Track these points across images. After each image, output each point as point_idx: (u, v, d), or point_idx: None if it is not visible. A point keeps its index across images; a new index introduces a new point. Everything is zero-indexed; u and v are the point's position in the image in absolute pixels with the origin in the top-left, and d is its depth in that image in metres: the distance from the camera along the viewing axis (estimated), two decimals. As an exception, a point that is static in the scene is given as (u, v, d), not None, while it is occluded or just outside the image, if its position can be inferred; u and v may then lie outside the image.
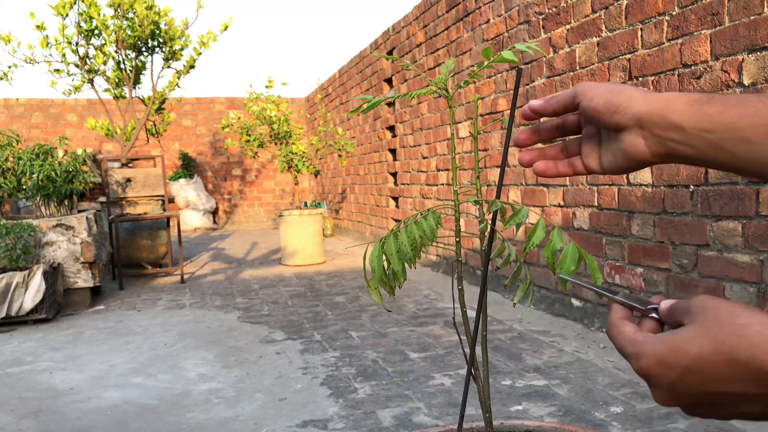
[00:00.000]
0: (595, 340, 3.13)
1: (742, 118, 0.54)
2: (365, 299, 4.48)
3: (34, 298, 4.00)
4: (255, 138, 6.78)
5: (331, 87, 9.55)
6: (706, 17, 2.57)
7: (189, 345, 3.45)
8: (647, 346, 0.49)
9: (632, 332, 0.52)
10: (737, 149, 0.55)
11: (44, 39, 5.83)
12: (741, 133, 0.54)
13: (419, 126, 5.91)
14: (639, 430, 2.07)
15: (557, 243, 0.67)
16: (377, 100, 0.75)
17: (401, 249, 0.73)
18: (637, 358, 0.50)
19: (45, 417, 2.45)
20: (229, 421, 2.32)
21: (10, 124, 10.70)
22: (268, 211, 12.17)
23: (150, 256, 6.24)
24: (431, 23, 5.47)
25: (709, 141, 0.56)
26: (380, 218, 7.45)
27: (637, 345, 0.51)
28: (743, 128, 0.54)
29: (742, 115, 0.54)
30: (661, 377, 0.49)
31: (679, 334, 0.48)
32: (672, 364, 0.47)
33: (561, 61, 3.58)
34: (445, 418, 2.25)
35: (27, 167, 4.60)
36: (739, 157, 0.55)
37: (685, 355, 0.47)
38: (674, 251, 2.81)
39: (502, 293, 4.33)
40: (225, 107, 11.83)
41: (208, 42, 6.30)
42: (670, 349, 0.48)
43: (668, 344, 0.48)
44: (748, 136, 0.54)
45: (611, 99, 0.61)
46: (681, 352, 0.47)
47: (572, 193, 3.55)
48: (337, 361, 3.00)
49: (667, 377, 0.48)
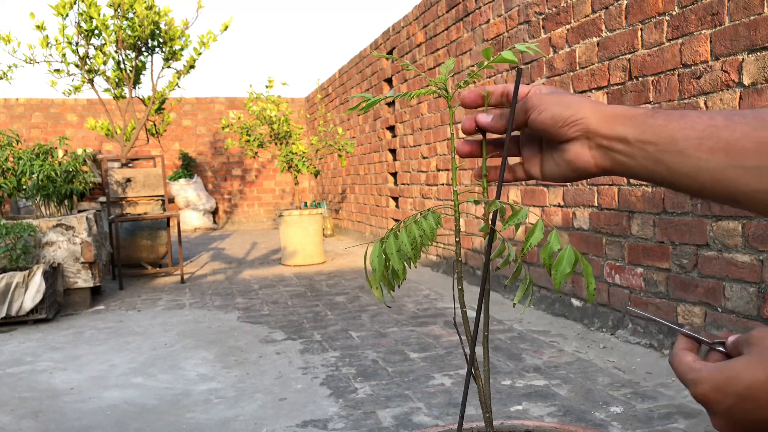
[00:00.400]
0: (595, 340, 3.13)
1: (679, 131, 0.55)
2: (365, 299, 4.48)
3: (34, 298, 4.00)
4: (255, 138, 6.78)
5: (331, 87, 9.55)
6: (706, 17, 2.57)
7: (189, 345, 3.45)
8: (704, 373, 0.51)
9: (692, 361, 0.53)
10: (673, 162, 0.56)
11: (44, 39, 5.83)
12: (677, 145, 0.55)
13: (419, 126, 5.91)
14: (639, 430, 2.07)
15: (555, 245, 0.67)
16: (376, 99, 0.75)
17: (401, 248, 0.74)
18: (695, 384, 0.51)
19: (45, 417, 2.45)
20: (229, 421, 2.32)
21: (10, 124, 10.71)
22: (268, 211, 12.18)
23: (150, 256, 6.24)
24: (431, 23, 5.47)
25: (650, 153, 0.57)
26: (380, 218, 7.45)
27: (695, 372, 0.52)
28: (679, 140, 0.55)
29: (681, 127, 0.55)
30: (717, 403, 0.50)
31: (735, 362, 0.49)
32: (727, 390, 0.49)
33: (561, 61, 3.58)
34: (445, 418, 2.25)
35: (27, 167, 4.60)
36: (674, 170, 0.56)
37: (739, 383, 0.48)
38: (674, 251, 2.81)
39: (502, 293, 4.33)
40: (225, 107, 11.83)
41: (208, 42, 6.30)
42: (726, 377, 0.49)
43: (724, 372, 0.49)
44: (683, 148, 0.55)
45: (560, 112, 0.61)
46: (736, 380, 0.48)
47: (572, 193, 3.55)
48: (337, 361, 3.00)
49: (723, 403, 0.49)
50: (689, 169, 0.55)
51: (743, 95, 2.41)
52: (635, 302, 3.09)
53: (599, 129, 0.59)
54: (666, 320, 0.59)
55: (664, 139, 0.56)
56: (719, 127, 0.54)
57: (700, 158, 0.54)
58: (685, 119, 0.55)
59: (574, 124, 0.60)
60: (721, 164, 0.53)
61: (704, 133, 0.54)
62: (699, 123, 0.54)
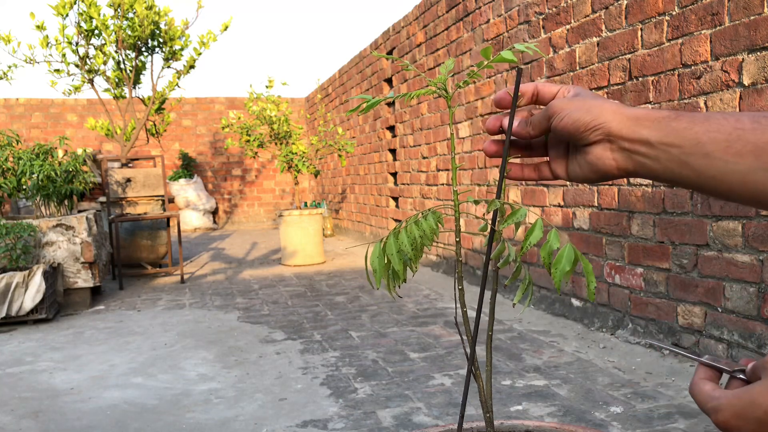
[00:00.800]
0: (595, 340, 3.13)
1: (705, 134, 0.55)
2: (365, 299, 4.48)
3: (34, 298, 4.00)
4: (255, 138, 6.78)
5: (331, 87, 9.55)
6: (706, 17, 2.57)
7: (189, 345, 3.45)
8: (723, 401, 0.51)
9: (711, 389, 0.54)
10: (699, 164, 0.56)
11: (44, 39, 5.83)
12: (703, 148, 0.55)
13: (419, 126, 5.91)
14: (639, 430, 2.07)
15: (554, 243, 0.67)
16: (376, 100, 0.75)
17: (402, 249, 0.74)
18: (716, 412, 0.52)
19: (45, 417, 2.45)
20: (229, 421, 2.32)
21: (10, 124, 10.71)
22: (268, 211, 12.17)
23: (150, 256, 6.24)
24: (431, 23, 5.47)
25: (674, 156, 0.57)
26: (380, 218, 7.45)
27: (715, 400, 0.52)
28: (705, 143, 0.55)
29: (706, 130, 0.55)
30: (739, 429, 0.50)
31: (753, 387, 0.50)
32: (748, 416, 0.49)
33: (561, 61, 3.58)
34: (445, 418, 2.25)
35: (27, 167, 4.60)
36: (701, 173, 0.56)
37: (758, 408, 0.49)
38: (674, 251, 2.81)
39: (502, 293, 4.33)
40: (225, 107, 11.83)
41: (208, 42, 6.30)
42: (744, 403, 0.50)
43: (742, 398, 0.50)
44: (709, 151, 0.55)
45: (580, 118, 0.61)
46: (755, 406, 0.49)
47: (572, 193, 3.55)
48: (337, 361, 3.00)
49: (745, 429, 0.50)
50: (716, 172, 0.55)
51: (743, 95, 2.41)
52: (635, 302, 3.09)
53: (621, 132, 0.60)
54: (685, 352, 0.60)
55: (690, 142, 0.56)
56: (746, 130, 0.54)
57: (728, 161, 0.54)
58: (710, 122, 0.55)
59: (596, 128, 0.61)
60: (751, 167, 0.53)
61: (731, 136, 0.54)
62: (725, 125, 0.55)
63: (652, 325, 2.96)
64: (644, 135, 0.58)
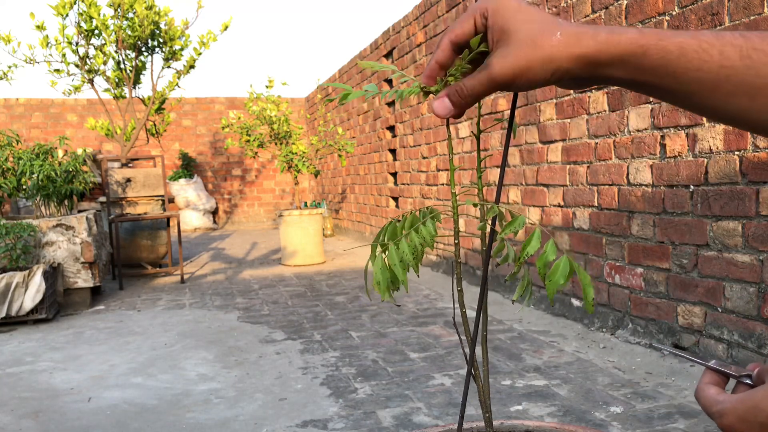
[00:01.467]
0: (595, 340, 3.13)
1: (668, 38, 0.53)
2: (365, 299, 4.48)
3: (34, 298, 4.00)
4: (255, 138, 6.78)
5: (331, 87, 9.54)
6: (706, 17, 2.57)
7: (189, 345, 3.45)
8: (728, 405, 0.52)
9: (715, 393, 0.54)
10: (678, 60, 0.53)
11: (44, 39, 5.83)
12: (676, 51, 0.53)
13: (419, 126, 5.92)
14: (639, 430, 2.07)
15: (550, 255, 0.66)
16: (356, 93, 0.72)
17: (404, 258, 0.74)
18: (720, 417, 0.52)
19: (45, 417, 2.45)
20: (229, 421, 2.32)
21: (10, 124, 10.70)
22: (268, 211, 12.17)
23: (150, 256, 6.24)
24: (431, 23, 5.47)
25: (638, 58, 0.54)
26: (380, 218, 7.45)
27: (719, 404, 0.53)
28: (674, 49, 0.53)
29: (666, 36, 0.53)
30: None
31: (756, 392, 0.50)
32: (752, 420, 0.50)
33: (561, 61, 3.57)
34: (445, 418, 2.25)
35: (27, 167, 4.60)
36: (682, 70, 0.53)
37: (762, 413, 0.49)
38: (674, 251, 2.81)
39: (502, 293, 4.33)
40: (225, 107, 11.83)
41: (208, 42, 6.30)
42: (748, 407, 0.50)
43: (746, 402, 0.51)
44: (684, 49, 0.53)
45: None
46: (758, 410, 0.50)
47: (572, 193, 3.55)
48: (337, 361, 3.00)
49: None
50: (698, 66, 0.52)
51: (743, 95, 2.41)
52: (635, 302, 3.09)
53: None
54: (693, 357, 0.60)
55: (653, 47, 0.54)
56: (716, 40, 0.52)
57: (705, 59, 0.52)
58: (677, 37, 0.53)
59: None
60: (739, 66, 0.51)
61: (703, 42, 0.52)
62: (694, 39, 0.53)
63: (652, 325, 2.96)
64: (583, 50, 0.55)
